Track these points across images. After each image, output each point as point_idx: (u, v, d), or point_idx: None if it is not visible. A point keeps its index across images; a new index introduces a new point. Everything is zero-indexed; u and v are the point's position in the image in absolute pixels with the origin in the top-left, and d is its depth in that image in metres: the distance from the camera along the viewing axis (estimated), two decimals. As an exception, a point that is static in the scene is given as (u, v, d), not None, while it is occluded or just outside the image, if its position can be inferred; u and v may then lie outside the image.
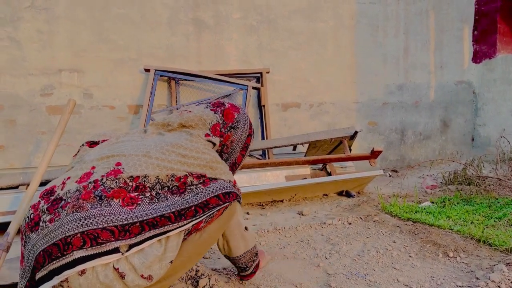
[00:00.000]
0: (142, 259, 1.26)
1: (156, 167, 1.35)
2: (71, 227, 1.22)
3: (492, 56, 5.39)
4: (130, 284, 1.26)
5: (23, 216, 1.96)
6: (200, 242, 1.43)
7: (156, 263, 1.28)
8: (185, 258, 1.41)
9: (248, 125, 1.73)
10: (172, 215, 1.29)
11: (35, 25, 3.75)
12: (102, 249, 1.21)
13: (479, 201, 3.01)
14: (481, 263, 1.89)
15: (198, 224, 1.38)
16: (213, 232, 1.47)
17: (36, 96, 3.79)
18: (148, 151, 1.40)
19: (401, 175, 4.61)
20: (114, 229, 1.23)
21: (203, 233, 1.43)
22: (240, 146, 1.71)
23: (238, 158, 1.73)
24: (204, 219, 1.39)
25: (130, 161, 1.36)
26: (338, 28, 4.83)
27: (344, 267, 1.93)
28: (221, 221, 1.48)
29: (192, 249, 1.42)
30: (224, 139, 1.65)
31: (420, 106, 5.33)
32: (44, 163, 2.13)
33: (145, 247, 1.26)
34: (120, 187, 1.29)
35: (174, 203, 1.31)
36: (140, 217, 1.25)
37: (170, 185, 1.34)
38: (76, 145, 3.89)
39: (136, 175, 1.32)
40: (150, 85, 3.88)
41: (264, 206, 3.30)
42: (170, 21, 4.17)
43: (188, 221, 1.32)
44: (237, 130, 1.68)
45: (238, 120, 1.69)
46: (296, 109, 4.68)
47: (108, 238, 1.21)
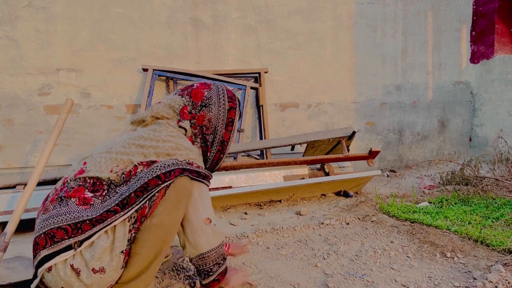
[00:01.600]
0: (91, 252, 1.33)
1: (114, 161, 1.43)
2: (38, 228, 1.36)
3: (490, 56, 5.40)
4: (85, 281, 1.33)
5: (20, 216, 1.96)
6: (156, 228, 1.39)
7: (106, 254, 1.34)
8: (149, 247, 1.40)
9: (225, 98, 1.63)
10: (117, 207, 1.35)
11: (33, 24, 3.74)
12: (59, 247, 1.32)
13: (476, 201, 3.01)
14: (479, 264, 1.89)
15: (143, 210, 1.38)
16: (164, 215, 1.39)
17: (34, 96, 3.78)
18: (111, 147, 1.49)
19: (399, 175, 4.61)
20: (67, 227, 1.32)
21: (153, 218, 1.39)
22: (222, 122, 1.61)
23: (225, 135, 1.63)
24: (147, 204, 1.38)
25: (93, 160, 1.46)
26: (336, 28, 4.83)
27: (342, 267, 1.93)
28: (169, 202, 1.40)
29: (152, 237, 1.40)
30: (197, 120, 1.59)
31: (418, 107, 5.34)
32: (42, 163, 2.12)
33: (94, 240, 1.33)
34: (80, 185, 1.40)
35: (120, 195, 1.37)
36: (90, 216, 1.33)
37: (121, 181, 1.41)
38: (74, 145, 3.89)
39: (91, 176, 1.41)
40: (148, 84, 3.87)
41: (262, 206, 3.30)
42: (169, 21, 4.16)
43: (129, 208, 1.36)
44: (210, 107, 1.60)
45: (209, 97, 1.61)
46: (294, 109, 4.68)
47: (62, 237, 1.32)
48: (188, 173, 1.45)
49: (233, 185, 3.30)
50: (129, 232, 1.38)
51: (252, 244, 2.33)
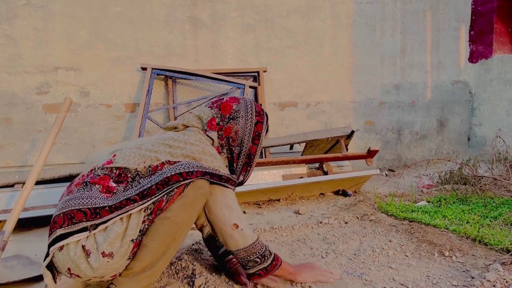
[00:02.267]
0: (105, 236, 1.38)
1: (142, 157, 1.49)
2: (60, 207, 1.42)
3: (489, 56, 5.41)
4: (92, 264, 1.37)
5: (18, 215, 1.96)
6: (168, 222, 1.43)
7: (117, 240, 1.38)
8: (159, 241, 1.42)
9: (253, 112, 1.68)
10: (137, 197, 1.40)
11: (31, 22, 3.74)
12: (75, 228, 1.37)
13: (474, 200, 3.02)
14: (477, 263, 1.89)
15: (160, 203, 1.43)
16: (178, 211, 1.43)
17: (33, 94, 3.78)
18: (141, 144, 1.55)
19: (397, 174, 4.62)
20: (87, 211, 1.38)
21: (167, 213, 1.43)
22: (248, 135, 1.66)
23: (252, 149, 1.68)
24: (164, 198, 1.43)
25: (122, 153, 1.51)
26: (335, 27, 4.83)
27: (340, 266, 1.94)
28: (185, 199, 1.44)
29: (163, 231, 1.43)
30: (225, 132, 1.65)
31: (417, 106, 5.35)
32: (40, 162, 2.12)
33: (109, 225, 1.38)
34: (105, 174, 1.46)
35: (141, 186, 1.43)
36: (110, 203, 1.39)
37: (147, 174, 1.46)
38: (73, 144, 3.88)
39: (119, 166, 1.47)
40: (147, 83, 3.87)
41: (261, 205, 3.30)
42: (168, 20, 4.16)
43: (148, 199, 1.41)
44: (238, 120, 1.65)
45: (238, 110, 1.67)
46: (293, 108, 4.69)
47: (80, 219, 1.37)
48: (209, 177, 1.50)
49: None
50: (143, 223, 1.42)
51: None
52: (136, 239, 1.42)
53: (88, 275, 1.40)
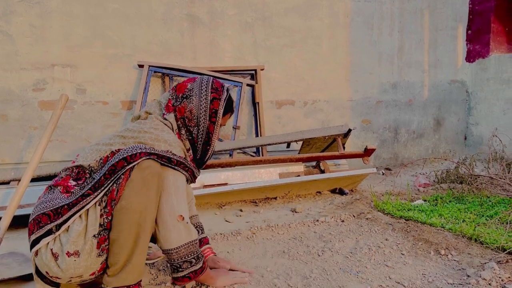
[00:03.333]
0: (67, 236, 1.39)
1: (98, 152, 1.49)
2: (31, 215, 1.45)
3: (486, 55, 5.42)
4: (61, 266, 1.38)
5: (14, 212, 1.95)
6: (126, 211, 1.39)
7: (80, 238, 1.39)
8: (125, 231, 1.40)
9: (207, 89, 1.61)
10: (90, 191, 1.41)
11: (28, 19, 3.72)
12: (42, 232, 1.40)
13: (471, 199, 3.02)
14: (472, 261, 1.90)
15: (111, 193, 1.41)
16: (131, 197, 1.39)
17: (29, 91, 3.76)
18: (101, 139, 1.56)
19: (394, 173, 4.63)
20: (50, 213, 1.41)
21: (122, 201, 1.40)
22: (204, 113, 1.59)
23: (210, 127, 1.61)
24: (114, 186, 1.41)
25: (84, 152, 1.54)
26: (333, 26, 4.83)
27: (336, 264, 1.94)
28: (134, 183, 1.40)
29: (124, 221, 1.40)
30: (179, 112, 1.60)
31: (414, 105, 5.35)
32: (36, 159, 2.11)
33: (69, 224, 1.40)
34: (67, 175, 1.49)
35: (93, 179, 1.44)
36: (68, 201, 1.41)
37: (99, 167, 1.47)
38: (69, 141, 3.87)
39: (77, 165, 1.49)
40: (144, 81, 3.86)
41: (257, 203, 3.30)
42: (165, 17, 4.14)
43: (99, 191, 1.41)
44: (191, 98, 1.60)
45: (191, 89, 1.62)
46: (290, 106, 4.68)
47: (46, 222, 1.40)
48: (155, 157, 1.45)
49: (228, 182, 3.30)
50: (101, 217, 1.42)
51: (247, 240, 2.33)
52: (99, 234, 1.41)
53: (62, 276, 1.40)
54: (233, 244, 2.28)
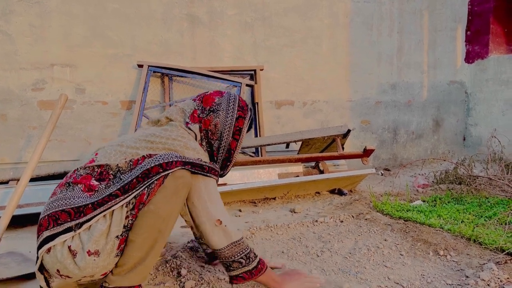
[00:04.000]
0: (89, 235, 1.37)
1: (123, 154, 1.49)
2: (44, 210, 1.43)
3: (485, 56, 5.42)
4: (79, 263, 1.37)
5: (12, 212, 1.95)
6: (152, 216, 1.40)
7: (102, 238, 1.38)
8: (144, 235, 1.40)
9: (235, 107, 1.63)
10: (119, 192, 1.40)
11: (27, 19, 3.72)
12: (60, 228, 1.38)
13: (469, 200, 3.03)
14: (471, 262, 1.90)
15: (141, 197, 1.41)
16: (160, 203, 1.40)
17: (28, 91, 3.76)
18: (123, 141, 1.54)
19: (393, 173, 4.63)
20: (71, 211, 1.39)
21: (150, 205, 1.40)
22: (228, 129, 1.62)
23: (232, 144, 1.64)
24: (146, 191, 1.40)
25: (104, 151, 1.52)
26: (333, 26, 4.83)
27: (335, 265, 1.94)
28: (166, 191, 1.41)
29: (147, 224, 1.40)
30: (203, 124, 1.62)
31: (413, 105, 5.36)
32: (35, 158, 2.11)
33: (92, 223, 1.38)
34: (88, 174, 1.47)
35: (123, 181, 1.42)
36: (93, 200, 1.40)
37: (128, 169, 1.46)
38: (68, 141, 3.87)
39: (100, 163, 1.47)
40: (143, 81, 3.86)
41: (257, 203, 3.30)
42: (165, 17, 4.14)
43: (130, 193, 1.40)
44: (218, 113, 1.62)
45: (219, 103, 1.63)
46: (289, 107, 4.68)
47: (65, 219, 1.38)
48: (190, 167, 1.47)
49: (227, 182, 3.30)
50: (126, 218, 1.40)
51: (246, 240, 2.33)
52: (121, 235, 1.40)
53: (77, 275, 1.39)
54: (232, 244, 2.27)
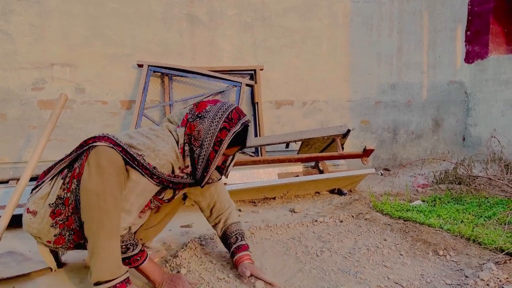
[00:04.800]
0: (35, 195, 1.59)
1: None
2: None
3: (484, 56, 5.43)
4: (24, 220, 1.60)
5: (12, 211, 1.95)
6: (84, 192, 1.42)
7: (41, 201, 1.56)
8: (85, 212, 1.43)
9: (222, 117, 1.55)
10: (65, 157, 1.60)
11: (27, 18, 3.71)
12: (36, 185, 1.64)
13: (469, 200, 3.03)
14: (471, 262, 1.90)
15: (74, 170, 1.54)
16: (87, 177, 1.41)
17: (28, 90, 3.75)
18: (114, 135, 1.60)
19: (392, 173, 4.63)
20: (44, 172, 1.64)
21: (81, 181, 1.44)
22: (210, 139, 1.54)
23: (210, 154, 1.56)
24: (76, 164, 1.54)
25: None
26: (332, 26, 4.83)
27: (335, 264, 1.94)
28: (89, 164, 1.42)
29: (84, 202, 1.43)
30: (188, 129, 1.59)
31: (413, 105, 5.36)
32: (35, 158, 2.11)
33: (42, 186, 1.60)
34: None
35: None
36: (54, 162, 1.63)
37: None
38: (68, 140, 3.87)
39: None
40: (143, 80, 3.86)
41: (256, 203, 3.30)
42: (165, 17, 4.14)
43: (68, 157, 1.58)
44: (204, 120, 1.56)
45: (208, 111, 1.58)
46: (289, 106, 4.69)
47: (42, 178, 1.64)
48: (120, 150, 1.45)
49: (227, 182, 3.30)
50: (62, 190, 1.54)
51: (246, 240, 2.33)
52: (56, 206, 1.54)
53: (24, 229, 1.61)
54: (232, 244, 2.27)
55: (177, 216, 2.78)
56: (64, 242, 1.60)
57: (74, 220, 1.55)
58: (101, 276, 1.43)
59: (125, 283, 1.48)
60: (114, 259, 1.46)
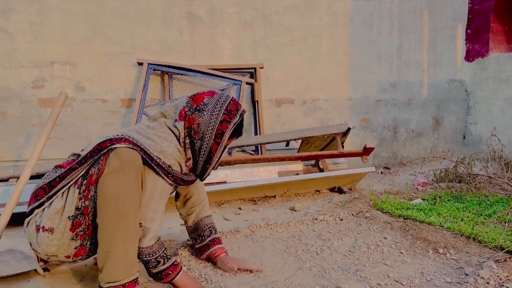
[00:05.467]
0: (48, 211, 1.49)
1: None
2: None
3: (485, 55, 5.42)
4: (38, 239, 1.49)
5: (12, 209, 1.95)
6: (101, 195, 1.41)
7: (57, 216, 1.47)
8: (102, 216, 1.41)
9: (221, 109, 1.56)
10: (77, 165, 1.51)
11: (27, 16, 3.71)
12: (36, 203, 1.52)
13: (469, 198, 3.03)
14: (471, 260, 1.90)
15: (90, 177, 1.48)
16: (106, 179, 1.40)
17: (28, 88, 3.75)
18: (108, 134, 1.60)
19: (393, 172, 4.63)
20: (45, 186, 1.53)
21: (99, 184, 1.42)
22: (211, 131, 1.55)
23: (212, 147, 1.57)
24: (94, 171, 1.48)
25: (92, 141, 1.59)
26: (333, 25, 4.83)
27: (335, 263, 1.94)
28: (110, 167, 1.41)
29: (101, 205, 1.41)
30: (188, 122, 1.57)
31: (413, 104, 5.36)
32: (35, 156, 2.11)
33: (53, 200, 1.50)
34: (72, 159, 1.57)
35: (81, 156, 1.53)
36: (58, 173, 1.52)
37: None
38: (68, 138, 3.86)
39: (82, 150, 1.57)
40: (143, 78, 3.85)
41: (256, 201, 3.30)
42: (164, 15, 4.14)
43: (84, 165, 1.50)
44: (203, 113, 1.56)
45: (206, 103, 1.58)
46: (289, 105, 4.68)
47: (42, 195, 1.53)
48: (139, 150, 1.46)
49: (227, 180, 3.30)
50: (79, 200, 1.48)
51: (246, 238, 2.33)
52: (76, 218, 1.47)
53: (39, 250, 1.51)
54: (232, 242, 2.28)
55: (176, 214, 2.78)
56: (85, 252, 1.57)
57: (93, 228, 1.51)
58: (116, 277, 1.42)
59: (134, 283, 1.47)
60: (129, 261, 1.45)
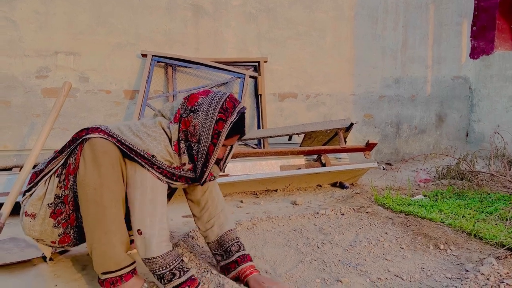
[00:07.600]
0: (32, 197, 1.55)
1: None
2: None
3: (490, 52, 5.39)
4: (24, 224, 1.57)
5: (16, 198, 1.96)
6: (80, 186, 1.41)
7: (38, 202, 1.53)
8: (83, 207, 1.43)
9: (216, 108, 1.47)
10: (58, 154, 1.55)
11: (31, 5, 3.70)
12: (26, 188, 1.61)
13: (471, 195, 3.03)
14: (471, 256, 1.91)
15: (69, 167, 1.50)
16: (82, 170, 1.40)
17: (32, 78, 3.75)
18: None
19: (395, 168, 4.63)
20: (38, 172, 1.59)
21: (77, 175, 1.43)
22: (207, 132, 1.47)
23: (209, 148, 1.48)
24: (71, 160, 1.49)
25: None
26: (337, 19, 4.81)
27: (336, 256, 1.95)
28: (85, 157, 1.40)
29: (80, 196, 1.42)
30: (183, 125, 1.51)
31: (416, 100, 5.34)
32: (38, 146, 2.12)
33: (38, 187, 1.56)
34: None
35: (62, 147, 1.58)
36: (45, 163, 1.58)
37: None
38: (71, 129, 3.87)
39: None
40: (147, 70, 3.85)
41: (258, 195, 3.31)
42: (169, 6, 4.12)
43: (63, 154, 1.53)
44: (198, 114, 1.48)
45: (201, 103, 1.50)
46: (293, 99, 4.68)
47: (33, 179, 1.59)
48: (115, 141, 1.43)
49: (229, 173, 3.31)
50: (60, 189, 1.52)
51: (247, 231, 2.34)
52: (56, 206, 1.52)
53: (26, 234, 1.58)
54: (233, 234, 2.28)
55: (179, 206, 2.80)
56: (70, 240, 1.60)
57: (76, 217, 1.54)
58: (106, 268, 1.43)
59: (131, 274, 1.48)
60: (116, 253, 1.44)
